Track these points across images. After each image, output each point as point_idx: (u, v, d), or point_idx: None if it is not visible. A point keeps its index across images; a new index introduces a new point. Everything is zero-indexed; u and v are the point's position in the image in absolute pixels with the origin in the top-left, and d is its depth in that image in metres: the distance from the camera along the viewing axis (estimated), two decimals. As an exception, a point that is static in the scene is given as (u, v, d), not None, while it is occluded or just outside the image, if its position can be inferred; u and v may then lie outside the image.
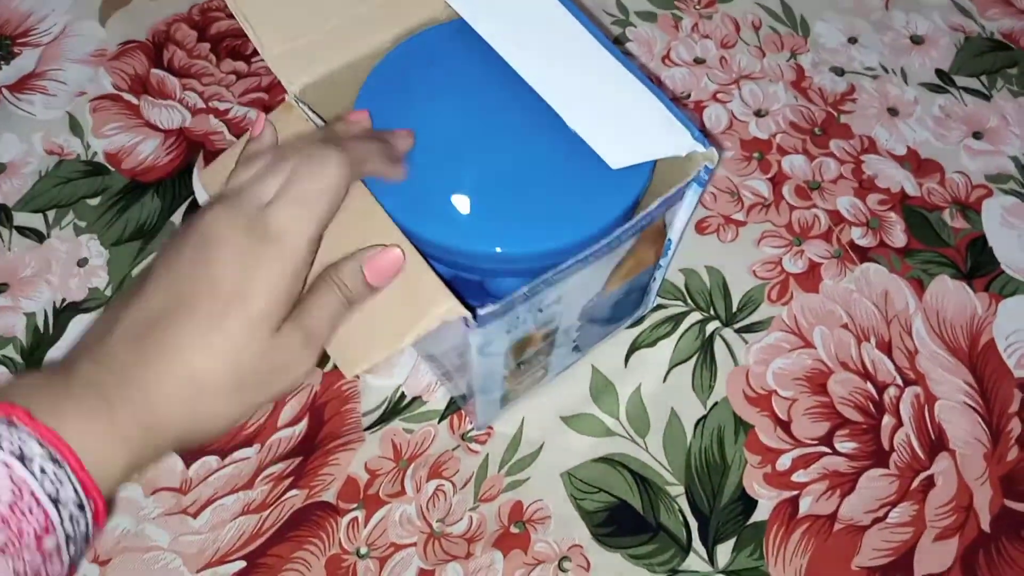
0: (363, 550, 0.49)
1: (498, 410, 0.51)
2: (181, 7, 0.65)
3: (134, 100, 0.61)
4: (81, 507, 0.30)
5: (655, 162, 0.41)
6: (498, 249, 0.39)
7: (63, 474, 0.30)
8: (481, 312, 0.36)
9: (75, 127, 0.60)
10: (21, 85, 0.62)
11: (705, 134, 0.53)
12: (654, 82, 0.48)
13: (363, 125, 0.41)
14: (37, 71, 0.62)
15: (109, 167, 0.59)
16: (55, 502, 0.29)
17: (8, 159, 0.59)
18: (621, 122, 0.40)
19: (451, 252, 0.40)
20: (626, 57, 0.42)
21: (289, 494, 0.50)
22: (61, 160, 0.59)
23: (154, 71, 0.63)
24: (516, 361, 0.45)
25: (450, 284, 0.36)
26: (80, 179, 0.59)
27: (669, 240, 0.46)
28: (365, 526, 0.49)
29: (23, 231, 0.57)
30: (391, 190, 0.39)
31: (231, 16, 0.65)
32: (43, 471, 0.29)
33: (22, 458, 0.29)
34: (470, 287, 0.44)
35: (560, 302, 0.41)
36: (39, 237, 0.57)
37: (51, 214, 0.57)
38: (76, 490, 0.30)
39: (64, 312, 0.54)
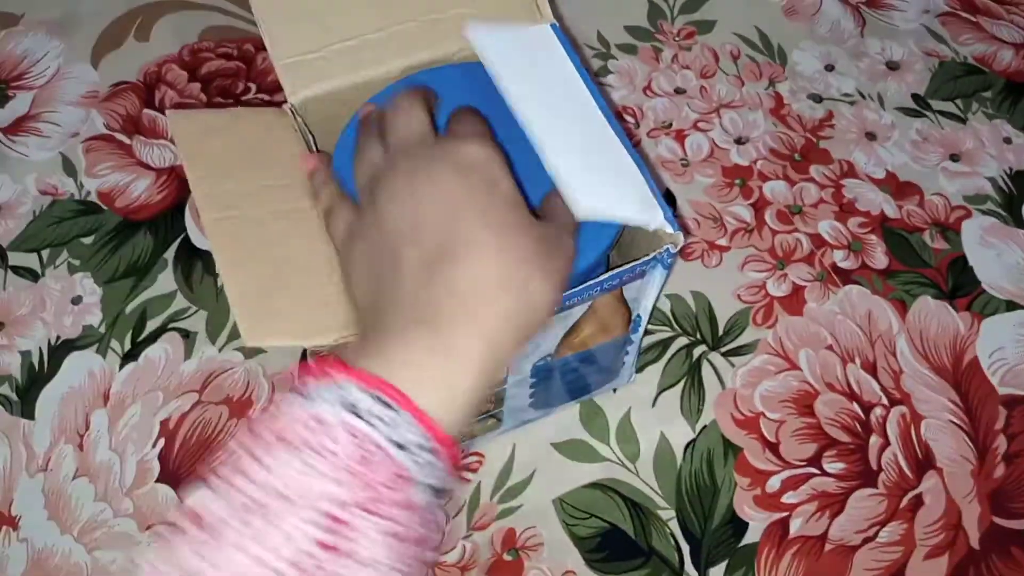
0: (357, 581, 0.49)
1: None
2: (172, 48, 0.66)
3: (126, 140, 0.63)
4: (433, 452, 0.29)
5: (616, 235, 0.41)
6: None
7: (403, 419, 0.28)
8: None
9: (68, 167, 0.61)
10: (15, 127, 0.63)
11: (674, 209, 0.52)
12: (636, 146, 0.48)
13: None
14: (31, 113, 0.63)
15: (102, 206, 0.60)
16: (401, 448, 0.28)
17: (3, 200, 0.60)
18: (600, 181, 0.40)
19: None
20: (622, 130, 0.42)
21: (283, 526, 0.50)
22: (55, 200, 0.60)
23: (146, 111, 0.64)
24: None
25: None
26: (73, 218, 0.60)
27: (639, 316, 0.46)
28: (359, 557, 0.49)
29: (18, 270, 0.58)
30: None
31: (221, 56, 0.66)
32: (380, 419, 0.28)
33: (354, 411, 0.28)
34: None
35: None
36: (33, 276, 0.57)
37: (45, 253, 0.58)
38: (423, 435, 0.29)
39: (59, 350, 0.55)
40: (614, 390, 0.55)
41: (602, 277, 0.39)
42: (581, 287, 0.39)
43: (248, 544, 0.26)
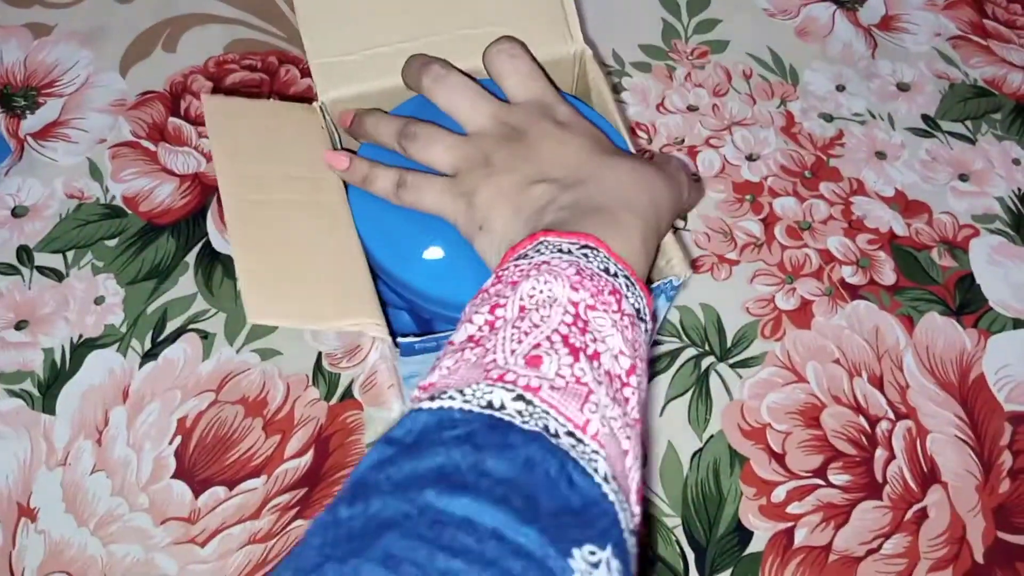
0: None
1: None
2: (197, 60, 0.68)
3: (152, 147, 0.64)
4: (629, 280, 0.35)
5: None
6: (442, 295, 0.41)
7: (602, 255, 0.35)
8: (401, 340, 0.38)
9: (95, 172, 0.63)
10: (45, 133, 0.65)
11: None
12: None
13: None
14: (60, 120, 0.65)
15: (127, 210, 0.62)
16: (608, 273, 0.34)
17: (31, 202, 0.62)
18: None
19: (408, 288, 0.42)
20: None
21: (295, 524, 0.51)
22: (81, 203, 0.62)
23: (171, 119, 0.65)
24: None
25: (407, 313, 0.38)
26: (98, 221, 0.61)
27: None
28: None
29: (43, 270, 0.59)
30: (370, 217, 0.42)
31: (245, 68, 0.68)
32: (586, 255, 0.35)
33: (562, 251, 0.35)
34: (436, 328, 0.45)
35: None
36: (58, 276, 0.59)
37: (70, 254, 0.60)
38: (618, 266, 0.35)
39: (80, 348, 0.56)
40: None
41: None
42: None
43: (520, 336, 0.31)
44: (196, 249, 0.60)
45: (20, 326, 0.57)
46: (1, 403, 0.54)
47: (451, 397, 0.29)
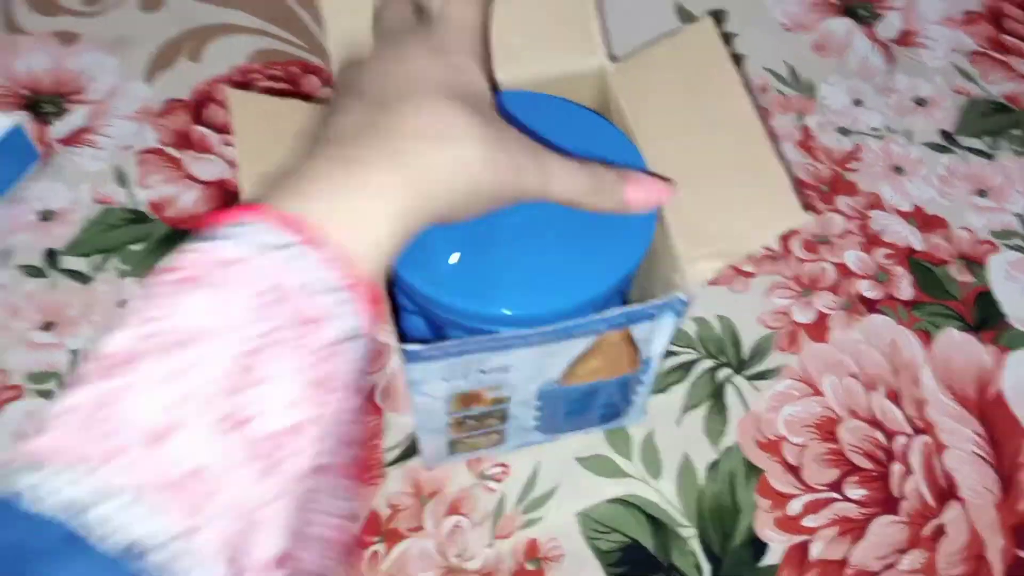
0: (382, 584, 0.50)
1: (445, 455, 0.52)
2: (221, 69, 0.69)
3: (176, 154, 0.65)
4: (343, 292, 0.27)
5: (632, 271, 0.42)
6: (448, 301, 0.40)
7: (313, 259, 0.27)
8: (407, 347, 0.38)
9: (121, 178, 0.64)
10: (72, 139, 0.66)
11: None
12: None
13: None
14: (87, 126, 0.66)
15: (152, 215, 0.62)
16: (313, 290, 0.27)
17: (58, 207, 0.63)
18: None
19: (419, 294, 0.42)
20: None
21: (312, 528, 0.51)
22: (107, 208, 0.63)
23: (196, 127, 0.66)
24: (461, 413, 0.46)
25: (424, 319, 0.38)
26: (124, 226, 0.62)
27: (649, 359, 0.46)
28: (385, 559, 0.51)
29: (69, 273, 0.60)
30: None
31: (269, 77, 0.69)
32: (290, 258, 0.27)
33: (260, 249, 0.27)
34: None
35: (507, 372, 0.42)
36: (84, 280, 0.60)
37: (96, 258, 0.61)
38: (333, 275, 0.27)
39: (103, 351, 0.57)
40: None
41: (608, 314, 0.40)
42: (586, 320, 0.40)
43: (163, 379, 0.25)
44: (218, 255, 0.61)
45: (47, 328, 0.58)
46: (28, 403, 0.55)
47: (35, 490, 0.22)
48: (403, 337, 0.39)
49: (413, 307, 0.45)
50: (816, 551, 0.52)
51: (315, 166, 0.30)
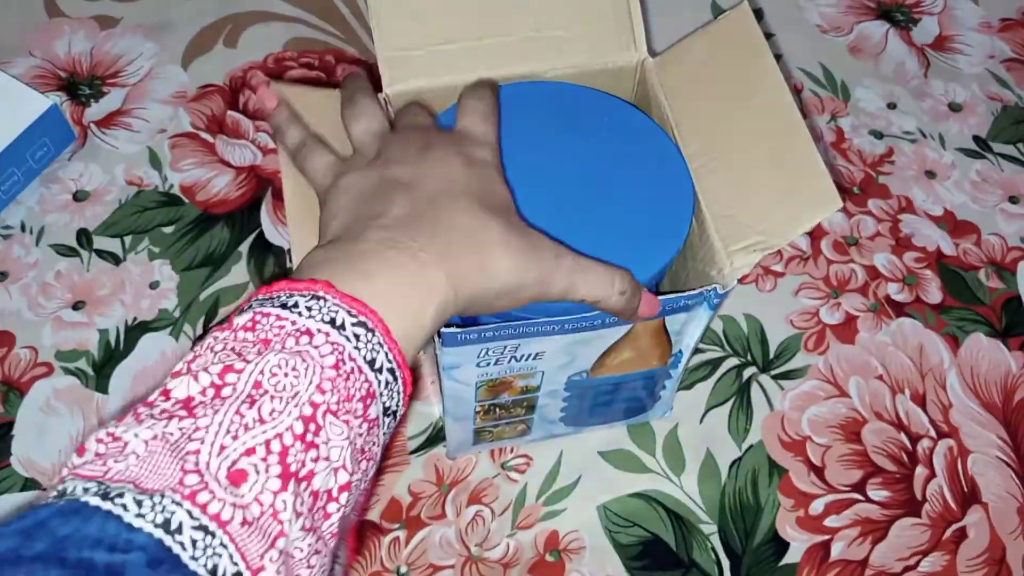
0: (403, 569, 0.50)
1: (471, 445, 0.52)
2: (257, 56, 0.70)
3: (210, 138, 0.66)
4: (394, 375, 0.31)
5: (668, 263, 0.42)
6: None
7: (376, 340, 0.30)
8: (445, 331, 0.38)
9: (154, 161, 0.65)
10: (107, 121, 0.67)
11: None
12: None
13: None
14: (123, 109, 0.67)
15: (184, 199, 0.63)
16: (372, 367, 0.30)
17: (92, 188, 0.64)
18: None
19: None
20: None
21: (335, 511, 0.52)
22: (140, 191, 0.63)
23: (230, 113, 0.67)
24: (489, 400, 0.46)
25: None
26: (156, 209, 0.63)
27: (680, 352, 0.46)
28: (406, 546, 0.51)
29: (101, 254, 0.61)
30: None
31: (303, 66, 0.70)
32: (356, 337, 0.30)
33: (334, 326, 0.30)
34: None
35: (540, 360, 0.43)
36: (115, 260, 0.61)
37: (128, 239, 0.61)
38: (388, 357, 0.31)
39: (134, 330, 0.58)
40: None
41: None
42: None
43: (243, 427, 0.27)
44: (250, 239, 0.61)
45: (77, 306, 0.59)
46: (57, 380, 0.56)
47: (124, 507, 0.24)
48: None
49: None
50: (837, 551, 0.51)
51: (374, 250, 0.33)
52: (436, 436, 0.54)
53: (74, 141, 0.65)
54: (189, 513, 0.25)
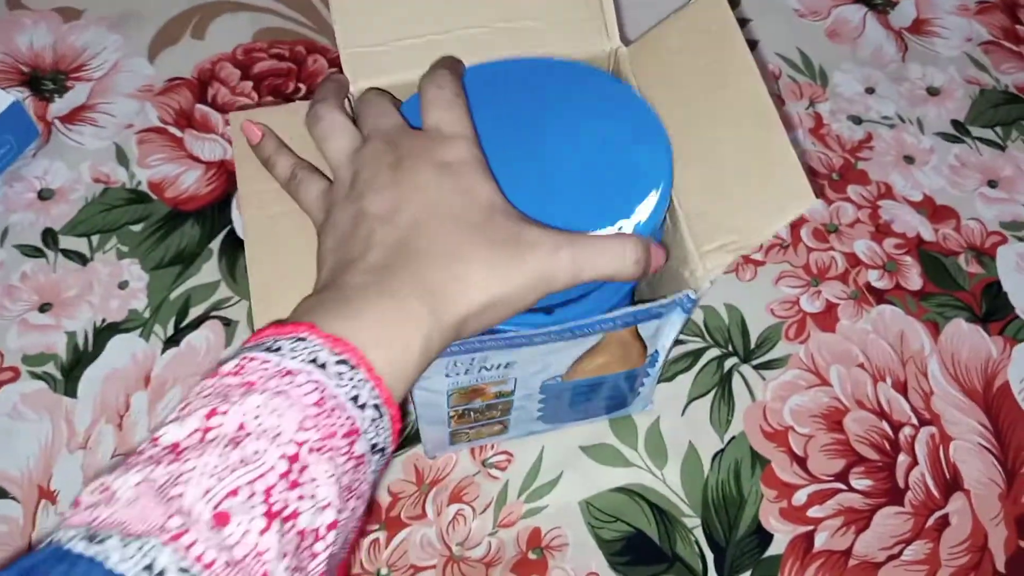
0: (384, 570, 0.50)
1: (447, 445, 0.52)
2: (226, 47, 0.68)
3: (178, 133, 0.64)
4: (379, 410, 0.31)
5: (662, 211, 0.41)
6: None
7: (359, 377, 0.31)
8: None
9: (121, 157, 0.63)
10: (72, 117, 0.65)
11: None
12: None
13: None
14: (88, 104, 0.66)
15: (152, 196, 0.62)
16: (356, 404, 0.30)
17: (57, 186, 0.62)
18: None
19: None
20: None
21: (313, 513, 0.51)
22: (107, 188, 0.62)
23: (198, 106, 0.66)
24: (463, 406, 0.46)
25: None
26: (124, 206, 0.61)
27: (656, 352, 0.46)
28: (386, 547, 0.50)
29: (68, 254, 0.59)
30: None
31: (273, 56, 0.68)
32: (340, 375, 0.30)
33: (316, 364, 0.30)
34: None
35: (511, 368, 0.42)
36: (83, 260, 0.59)
37: (95, 238, 0.60)
38: (373, 393, 0.31)
39: (103, 332, 0.57)
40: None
41: (615, 314, 0.39)
42: (593, 320, 0.39)
43: (226, 469, 0.27)
44: (220, 236, 0.60)
45: (44, 308, 0.57)
46: (24, 385, 0.55)
47: (108, 552, 0.25)
48: None
49: None
50: (820, 541, 0.51)
51: (354, 291, 0.34)
52: (415, 435, 0.54)
53: (38, 138, 0.63)
54: (174, 555, 0.25)
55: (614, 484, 0.53)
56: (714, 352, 0.57)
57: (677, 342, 0.57)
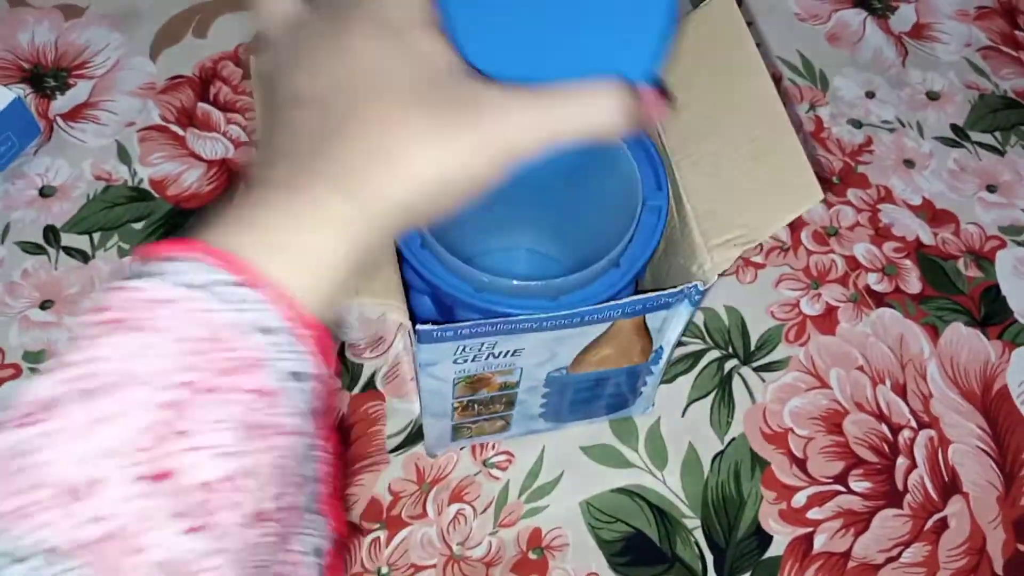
0: (384, 570, 0.50)
1: (448, 441, 0.52)
2: (227, 46, 0.68)
3: (180, 131, 0.64)
4: (291, 333, 0.25)
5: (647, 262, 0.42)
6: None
7: (254, 297, 0.25)
8: (419, 328, 0.37)
9: (123, 155, 0.63)
10: (74, 114, 0.65)
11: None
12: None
13: None
14: (90, 101, 0.65)
15: (154, 194, 0.62)
16: (257, 330, 0.25)
17: (59, 183, 0.62)
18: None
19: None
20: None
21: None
22: (108, 186, 0.62)
23: (200, 105, 0.66)
24: (468, 396, 0.46)
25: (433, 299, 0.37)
26: (126, 204, 0.61)
27: (661, 348, 0.46)
28: (387, 546, 0.50)
29: (69, 251, 0.59)
30: None
31: (275, 55, 0.68)
32: (229, 298, 0.25)
33: (199, 288, 0.25)
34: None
35: (518, 356, 0.42)
36: (84, 258, 0.59)
37: (97, 236, 0.60)
38: (275, 314, 0.25)
39: (105, 330, 0.56)
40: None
41: (623, 301, 0.40)
42: (600, 307, 0.39)
43: (82, 429, 0.23)
44: (222, 235, 0.60)
45: (45, 305, 0.57)
46: (25, 382, 0.55)
47: None
48: (413, 317, 0.38)
49: (423, 287, 0.45)
50: (820, 543, 0.51)
51: (254, 195, 0.27)
52: (416, 434, 0.54)
53: (39, 135, 0.63)
54: (29, 538, 0.21)
55: (614, 485, 0.53)
56: (714, 354, 0.57)
57: (678, 343, 0.57)
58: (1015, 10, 0.73)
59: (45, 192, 0.61)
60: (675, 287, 0.40)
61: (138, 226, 0.60)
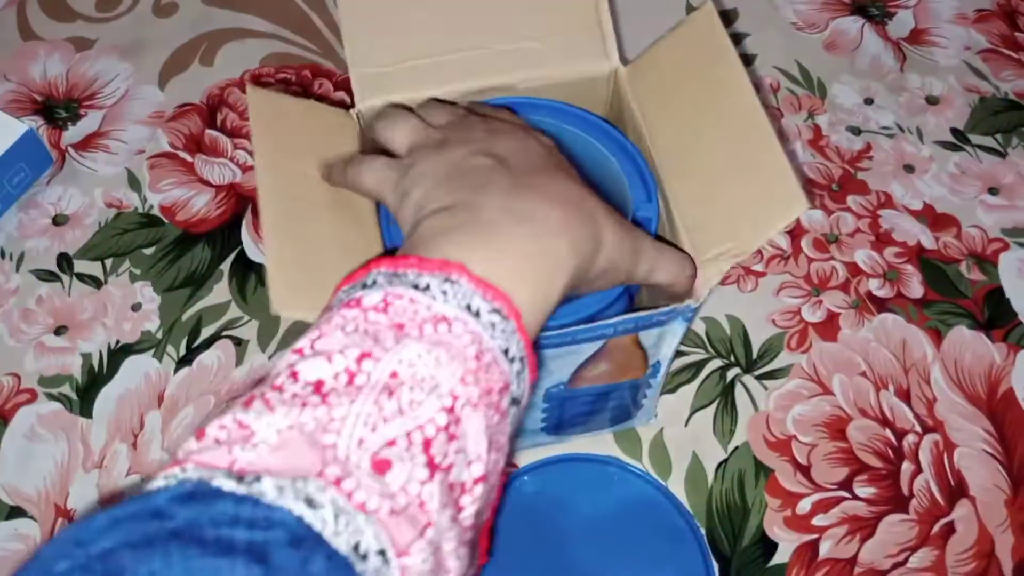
0: (392, 584, 0.50)
1: None
2: (234, 73, 0.70)
3: (189, 158, 0.66)
4: (523, 363, 0.29)
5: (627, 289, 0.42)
6: None
7: (510, 328, 0.29)
8: None
9: (133, 182, 0.65)
10: (85, 144, 0.67)
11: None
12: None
13: None
14: (100, 131, 0.67)
15: (164, 219, 0.63)
16: (506, 357, 0.29)
17: (71, 211, 0.64)
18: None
19: None
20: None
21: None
22: (119, 213, 0.63)
23: (208, 131, 0.67)
24: None
25: None
26: (136, 230, 0.63)
27: (658, 363, 0.46)
28: (395, 560, 0.51)
29: (82, 277, 0.61)
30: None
31: (280, 81, 0.70)
32: (492, 326, 0.29)
33: (471, 312, 0.28)
34: None
35: None
36: (96, 283, 0.61)
37: (108, 262, 0.61)
38: (520, 345, 0.29)
39: (117, 353, 0.58)
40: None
41: (615, 320, 0.40)
42: (594, 326, 0.40)
43: (384, 416, 0.26)
44: (231, 258, 0.61)
45: (59, 331, 0.59)
46: (40, 406, 0.56)
47: (262, 491, 0.24)
48: None
49: None
50: (825, 550, 0.52)
51: (499, 221, 0.32)
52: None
53: (52, 165, 0.65)
54: (334, 501, 0.24)
55: (619, 495, 0.53)
56: (716, 363, 0.58)
57: (679, 353, 0.58)
58: (1015, 12, 0.73)
59: (58, 220, 0.63)
60: (668, 305, 0.41)
61: (149, 251, 0.62)
